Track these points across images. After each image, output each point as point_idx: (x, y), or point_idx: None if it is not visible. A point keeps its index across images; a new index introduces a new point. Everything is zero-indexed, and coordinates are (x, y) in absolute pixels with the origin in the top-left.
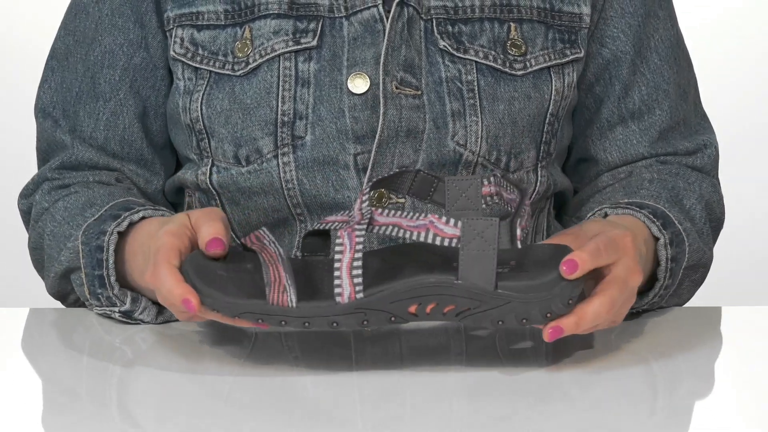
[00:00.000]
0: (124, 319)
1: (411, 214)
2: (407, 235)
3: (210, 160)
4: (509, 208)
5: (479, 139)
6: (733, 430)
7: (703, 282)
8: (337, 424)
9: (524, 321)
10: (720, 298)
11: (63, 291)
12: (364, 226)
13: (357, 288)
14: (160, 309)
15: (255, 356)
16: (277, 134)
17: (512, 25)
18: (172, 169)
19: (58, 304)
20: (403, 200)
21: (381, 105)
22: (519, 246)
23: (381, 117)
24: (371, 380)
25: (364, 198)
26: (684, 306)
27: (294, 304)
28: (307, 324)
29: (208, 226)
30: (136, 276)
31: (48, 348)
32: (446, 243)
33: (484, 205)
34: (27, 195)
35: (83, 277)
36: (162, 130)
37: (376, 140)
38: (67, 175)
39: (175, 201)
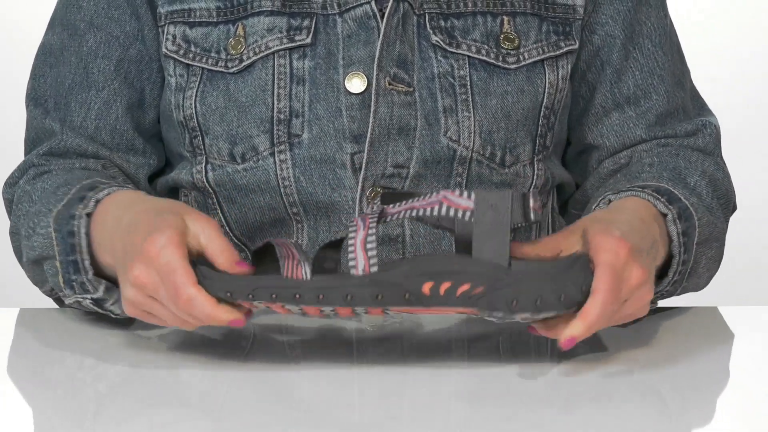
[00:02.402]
0: (94, 308)
1: (422, 196)
2: (421, 213)
3: (203, 158)
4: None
5: (472, 134)
6: (733, 430)
7: (720, 260)
8: (337, 424)
9: (538, 302)
10: (720, 298)
11: (38, 278)
12: (377, 214)
13: (371, 261)
14: None
15: (254, 355)
16: (273, 132)
17: (505, 18)
18: (164, 154)
19: (50, 304)
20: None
21: (372, 103)
22: (533, 219)
23: (371, 115)
24: (371, 380)
25: (375, 202)
26: (684, 306)
27: (308, 276)
28: (321, 297)
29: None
30: (102, 251)
31: (39, 348)
32: (459, 215)
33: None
34: (12, 183)
35: (57, 266)
36: (155, 121)
37: (367, 139)
38: (53, 161)
39: None
